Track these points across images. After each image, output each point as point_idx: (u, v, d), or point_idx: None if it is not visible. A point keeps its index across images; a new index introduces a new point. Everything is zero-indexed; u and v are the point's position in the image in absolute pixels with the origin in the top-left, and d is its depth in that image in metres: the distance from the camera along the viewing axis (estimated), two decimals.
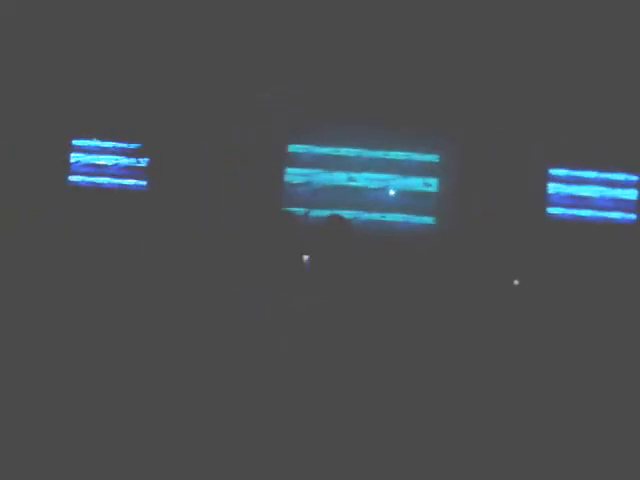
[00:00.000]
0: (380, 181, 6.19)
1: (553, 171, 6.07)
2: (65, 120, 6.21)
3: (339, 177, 6.19)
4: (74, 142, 6.27)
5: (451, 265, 5.93)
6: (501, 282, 5.87)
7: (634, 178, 6.08)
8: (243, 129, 6.22)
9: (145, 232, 6.13)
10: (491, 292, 5.80)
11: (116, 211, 6.18)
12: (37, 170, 6.13)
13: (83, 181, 6.28)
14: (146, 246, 6.05)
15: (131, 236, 6.11)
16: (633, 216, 6.05)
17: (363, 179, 6.20)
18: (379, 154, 6.18)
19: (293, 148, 6.25)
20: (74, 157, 6.27)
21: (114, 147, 6.30)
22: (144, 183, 6.31)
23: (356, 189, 6.20)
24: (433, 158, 6.18)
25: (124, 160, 6.30)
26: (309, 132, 6.20)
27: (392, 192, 6.19)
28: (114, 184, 6.30)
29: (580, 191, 6.04)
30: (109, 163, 6.30)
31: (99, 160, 6.28)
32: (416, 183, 6.17)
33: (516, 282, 5.88)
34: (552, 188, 6.06)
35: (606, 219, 6.05)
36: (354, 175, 6.19)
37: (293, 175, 6.26)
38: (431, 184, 6.16)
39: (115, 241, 6.06)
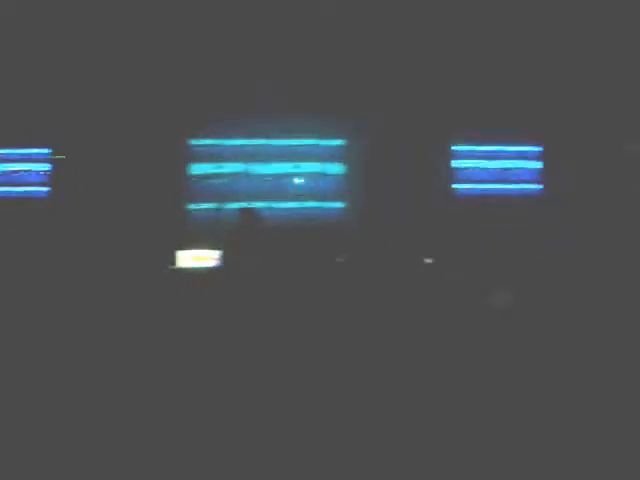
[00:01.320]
0: (286, 169, 6.12)
1: (456, 147, 6.12)
2: None
3: (243, 168, 6.08)
4: None
5: (363, 247, 5.92)
6: (414, 261, 5.90)
7: (537, 149, 6.20)
8: (145, 127, 6.03)
9: (52, 239, 5.89)
10: (405, 271, 5.82)
11: (18, 220, 5.91)
12: None
13: None
14: (57, 252, 5.83)
15: (38, 244, 5.87)
16: (538, 187, 6.18)
17: (268, 169, 6.11)
18: (284, 142, 6.11)
19: (195, 142, 6.10)
20: None
21: (13, 154, 6.01)
22: (45, 190, 6.04)
23: (262, 179, 6.11)
24: (339, 143, 6.14)
25: (25, 167, 6.02)
26: (212, 125, 6.06)
27: (300, 180, 6.13)
28: (13, 193, 6.00)
29: (484, 165, 6.13)
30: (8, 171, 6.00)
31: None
32: (324, 169, 6.13)
33: (428, 260, 5.92)
34: (456, 164, 6.12)
35: (512, 192, 6.15)
36: (258, 165, 6.10)
37: (197, 170, 6.12)
38: (339, 169, 6.13)
39: (21, 251, 5.81)
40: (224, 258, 5.53)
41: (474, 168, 6.12)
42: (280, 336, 4.55)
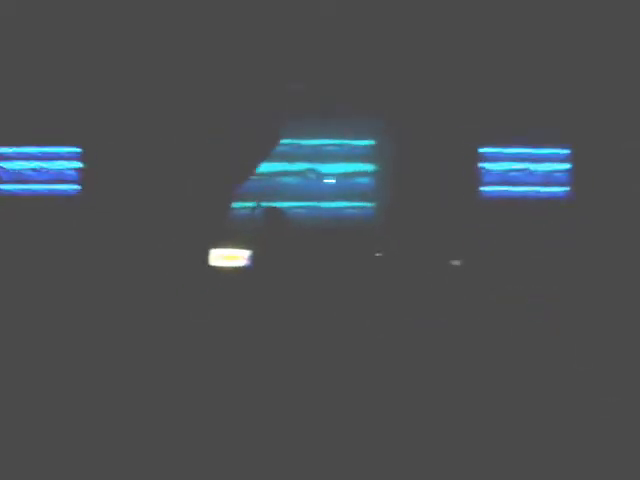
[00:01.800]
0: (319, 170, 6.18)
1: (484, 150, 6.14)
2: None
3: (275, 168, 6.15)
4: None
5: (393, 248, 5.99)
6: (442, 263, 5.97)
7: (565, 152, 6.20)
8: (179, 127, 6.08)
9: (80, 236, 6.01)
10: (432, 273, 5.90)
11: (48, 217, 6.02)
12: None
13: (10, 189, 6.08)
14: (83, 250, 5.95)
15: (70, 243, 5.99)
16: (566, 189, 6.20)
17: (301, 169, 6.18)
18: (315, 143, 6.15)
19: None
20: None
21: (41, 152, 6.10)
22: (77, 188, 6.14)
23: (295, 179, 6.18)
24: (369, 144, 6.18)
25: (54, 165, 6.12)
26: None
27: (330, 180, 6.19)
28: (44, 190, 6.11)
29: (512, 168, 6.15)
30: (37, 169, 6.10)
31: (25, 167, 6.08)
32: (353, 169, 6.18)
33: (456, 262, 5.99)
34: (484, 167, 6.14)
35: (540, 194, 6.18)
36: (292, 165, 6.16)
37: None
38: (368, 169, 6.18)
39: (49, 247, 5.93)
40: (252, 258, 5.61)
41: (502, 170, 6.14)
42: (304, 334, 4.66)
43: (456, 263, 5.91)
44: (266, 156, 5.91)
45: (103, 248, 5.96)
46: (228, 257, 6.04)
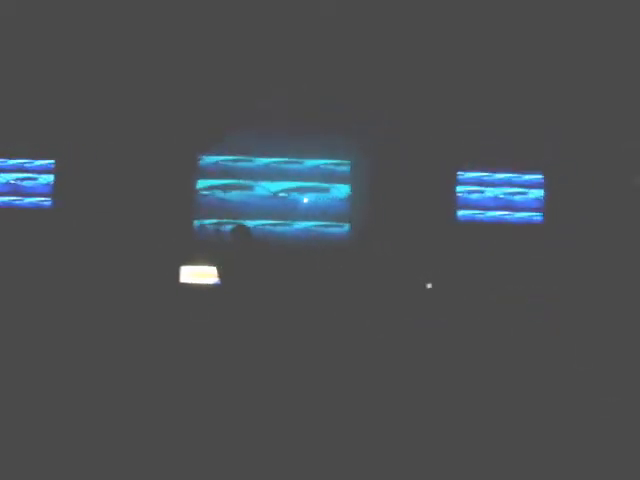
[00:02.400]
0: (292, 189, 6.15)
1: (461, 174, 6.15)
2: None
3: (250, 186, 6.13)
4: None
5: (366, 270, 5.93)
6: (415, 285, 5.90)
7: (539, 177, 6.22)
8: (153, 142, 6.08)
9: (56, 250, 5.92)
10: (405, 296, 5.82)
11: (23, 231, 5.94)
12: None
13: None
14: (60, 265, 5.85)
15: (42, 256, 5.90)
16: (540, 215, 6.19)
17: (274, 188, 6.15)
18: (290, 162, 6.15)
19: (204, 159, 6.15)
20: None
21: (17, 165, 6.07)
22: (49, 201, 6.08)
23: (267, 198, 6.14)
24: (344, 165, 6.18)
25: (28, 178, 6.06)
26: (219, 142, 6.11)
27: (305, 200, 6.16)
28: (17, 203, 6.05)
29: (488, 193, 6.15)
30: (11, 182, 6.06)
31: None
32: (328, 190, 6.16)
33: (429, 285, 5.92)
34: (460, 191, 6.15)
35: (514, 219, 6.17)
36: (265, 184, 6.14)
37: (204, 186, 6.16)
38: (343, 190, 6.16)
39: (24, 262, 5.83)
40: (219, 275, 5.52)
41: (478, 194, 6.15)
42: (277, 352, 4.56)
43: (429, 286, 5.85)
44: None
45: (74, 262, 5.87)
46: (198, 274, 5.96)
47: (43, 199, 6.10)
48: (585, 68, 5.96)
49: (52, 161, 6.09)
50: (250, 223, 5.77)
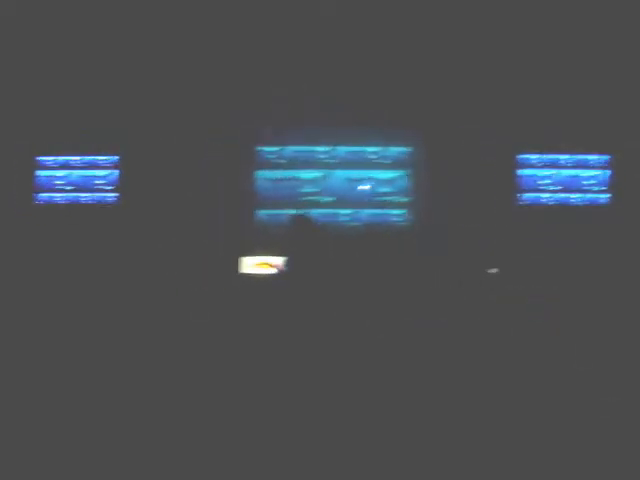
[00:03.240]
0: (353, 177, 6.16)
1: (522, 157, 6.04)
2: (29, 136, 6.16)
3: (310, 176, 6.16)
4: (39, 159, 6.21)
5: (429, 256, 5.90)
6: (479, 271, 5.84)
7: (605, 158, 6.05)
8: (213, 135, 6.18)
9: (121, 245, 6.08)
10: (470, 281, 5.77)
11: (89, 226, 6.12)
12: (1, 189, 6.10)
13: (51, 198, 6.22)
14: (125, 259, 6.02)
15: (107, 250, 6.07)
16: (606, 196, 6.03)
17: (335, 176, 6.17)
18: (349, 150, 6.15)
19: (262, 149, 6.21)
20: (39, 174, 6.21)
21: (81, 161, 6.24)
22: (115, 196, 6.24)
23: (328, 187, 6.17)
24: (404, 151, 6.14)
25: (94, 174, 6.25)
26: (277, 133, 6.16)
27: (366, 187, 6.16)
28: (84, 199, 6.23)
29: (551, 175, 6.02)
30: (77, 178, 6.24)
31: (66, 175, 6.23)
32: (389, 177, 6.14)
33: (494, 270, 5.84)
34: (522, 173, 6.04)
35: (579, 201, 6.02)
36: (326, 173, 6.16)
37: (264, 177, 6.22)
38: (404, 177, 6.13)
39: (90, 256, 6.01)
40: (286, 265, 5.57)
41: (541, 177, 6.03)
42: (338, 341, 4.59)
43: (493, 271, 5.77)
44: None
45: (139, 256, 6.02)
46: (260, 264, 6.03)
47: (108, 195, 6.27)
48: None
49: (116, 157, 6.25)
50: (311, 213, 5.82)
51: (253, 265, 6.06)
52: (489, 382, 3.82)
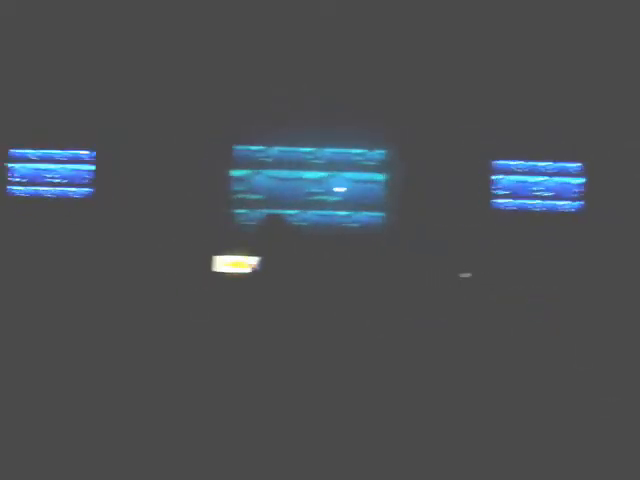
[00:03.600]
0: (326, 178, 6.15)
1: (497, 162, 6.08)
2: (2, 129, 6.09)
3: (284, 176, 6.15)
4: (11, 151, 6.14)
5: (401, 260, 5.90)
6: (451, 275, 5.85)
7: (578, 166, 6.11)
8: (188, 133, 6.15)
9: (95, 241, 6.03)
10: (441, 286, 5.78)
11: (60, 220, 6.06)
12: None
13: (23, 191, 6.15)
14: (98, 255, 5.96)
15: (79, 247, 6.01)
16: (579, 204, 6.08)
17: (309, 177, 6.16)
18: (325, 152, 6.15)
19: (237, 149, 6.18)
20: (12, 167, 6.14)
21: (55, 155, 6.18)
22: (89, 191, 6.19)
23: (302, 188, 6.15)
24: (379, 154, 6.15)
25: (67, 168, 6.19)
26: (252, 132, 6.14)
27: (339, 189, 6.16)
28: (56, 193, 6.17)
29: (525, 181, 6.07)
30: (50, 171, 6.18)
31: (39, 169, 6.16)
32: (363, 179, 6.15)
33: (466, 275, 5.86)
34: (497, 179, 6.07)
35: (552, 208, 6.07)
36: (300, 174, 6.15)
37: (238, 176, 6.20)
38: (378, 179, 6.14)
39: (63, 252, 5.95)
40: (254, 265, 5.53)
41: (514, 183, 6.07)
42: (309, 342, 4.56)
43: (465, 275, 5.79)
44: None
45: (110, 251, 5.97)
46: (232, 264, 6.00)
47: (81, 189, 6.21)
48: (626, 52, 5.83)
49: (93, 152, 6.20)
50: (284, 212, 5.81)
51: (226, 264, 6.03)
52: (481, 383, 3.82)
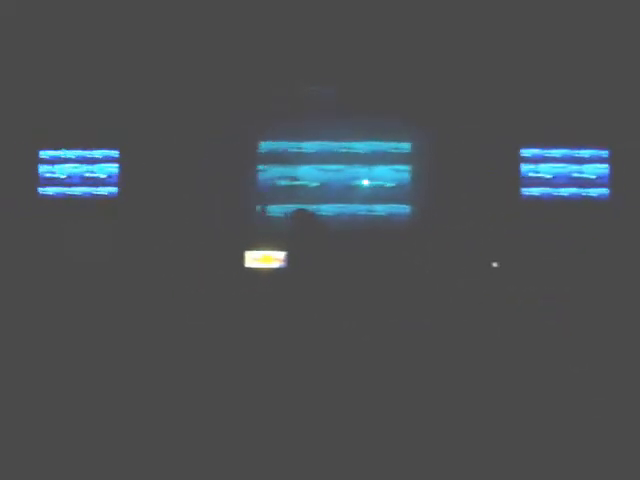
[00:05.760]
0: (353, 172, 6.17)
1: (524, 151, 6.07)
2: (31, 131, 6.14)
3: (311, 171, 6.17)
4: (41, 153, 6.19)
5: (430, 251, 5.92)
6: (481, 265, 5.87)
7: (604, 153, 6.09)
8: (215, 130, 6.18)
9: (124, 240, 6.08)
10: (471, 276, 5.80)
11: (89, 220, 6.11)
12: (5, 183, 6.08)
13: (54, 192, 6.20)
14: (127, 254, 6.01)
15: (109, 245, 6.06)
16: (606, 191, 6.07)
17: (335, 171, 6.18)
18: (350, 145, 6.17)
19: (265, 145, 6.21)
20: (42, 169, 6.19)
21: (83, 156, 6.23)
22: (116, 190, 6.23)
23: (329, 182, 6.18)
24: (404, 146, 6.16)
25: (94, 169, 6.23)
26: (279, 129, 6.17)
27: (365, 182, 6.18)
28: (85, 193, 6.22)
29: (552, 169, 6.06)
30: (79, 173, 6.23)
31: (69, 170, 6.21)
32: (389, 172, 6.16)
33: (495, 264, 5.88)
34: (524, 168, 6.07)
35: (579, 196, 6.06)
36: (325, 168, 6.17)
37: (266, 172, 6.23)
38: (404, 172, 6.15)
39: (93, 250, 6.01)
40: (287, 259, 5.61)
41: (543, 172, 6.07)
42: (341, 336, 4.60)
43: (495, 265, 5.81)
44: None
45: (139, 250, 6.02)
46: (262, 259, 6.04)
47: (108, 189, 6.26)
48: None
49: (116, 151, 6.24)
50: (312, 207, 5.83)
51: (257, 259, 6.08)
52: (488, 380, 3.84)
